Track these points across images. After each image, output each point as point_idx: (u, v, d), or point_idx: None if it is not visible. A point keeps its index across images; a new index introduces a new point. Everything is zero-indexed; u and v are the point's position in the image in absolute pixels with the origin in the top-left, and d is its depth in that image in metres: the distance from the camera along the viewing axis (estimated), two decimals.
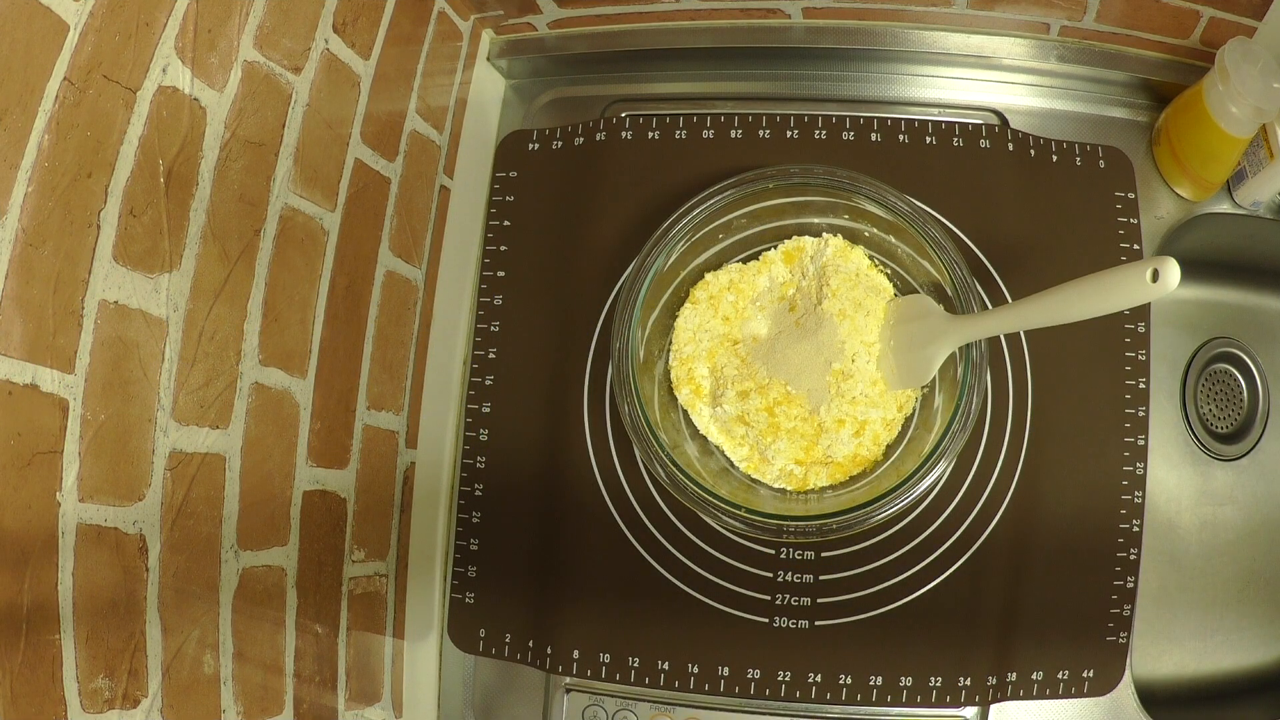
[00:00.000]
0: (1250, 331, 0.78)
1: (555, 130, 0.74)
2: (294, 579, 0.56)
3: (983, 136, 0.68)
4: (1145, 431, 0.64)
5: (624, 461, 0.67)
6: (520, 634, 0.67)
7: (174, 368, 0.46)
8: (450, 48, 0.71)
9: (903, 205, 0.60)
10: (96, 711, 0.41)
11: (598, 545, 0.67)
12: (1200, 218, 0.69)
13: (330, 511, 0.60)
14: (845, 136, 0.69)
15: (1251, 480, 0.76)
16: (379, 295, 0.65)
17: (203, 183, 0.47)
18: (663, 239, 0.61)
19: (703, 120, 0.71)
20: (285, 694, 0.56)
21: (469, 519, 0.70)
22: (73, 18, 0.38)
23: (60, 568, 0.40)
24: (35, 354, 0.38)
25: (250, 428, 0.52)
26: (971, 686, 0.62)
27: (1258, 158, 0.64)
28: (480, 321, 0.72)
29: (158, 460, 0.45)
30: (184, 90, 0.45)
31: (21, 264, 0.37)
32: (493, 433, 0.70)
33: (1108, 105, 0.71)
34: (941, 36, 0.70)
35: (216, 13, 0.46)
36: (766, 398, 0.62)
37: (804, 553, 0.65)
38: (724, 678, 0.64)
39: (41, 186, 0.38)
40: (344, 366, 0.61)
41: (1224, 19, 0.63)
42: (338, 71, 0.57)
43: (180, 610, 0.47)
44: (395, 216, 0.66)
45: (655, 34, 0.74)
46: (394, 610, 0.69)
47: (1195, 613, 0.74)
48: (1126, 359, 0.65)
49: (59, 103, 0.38)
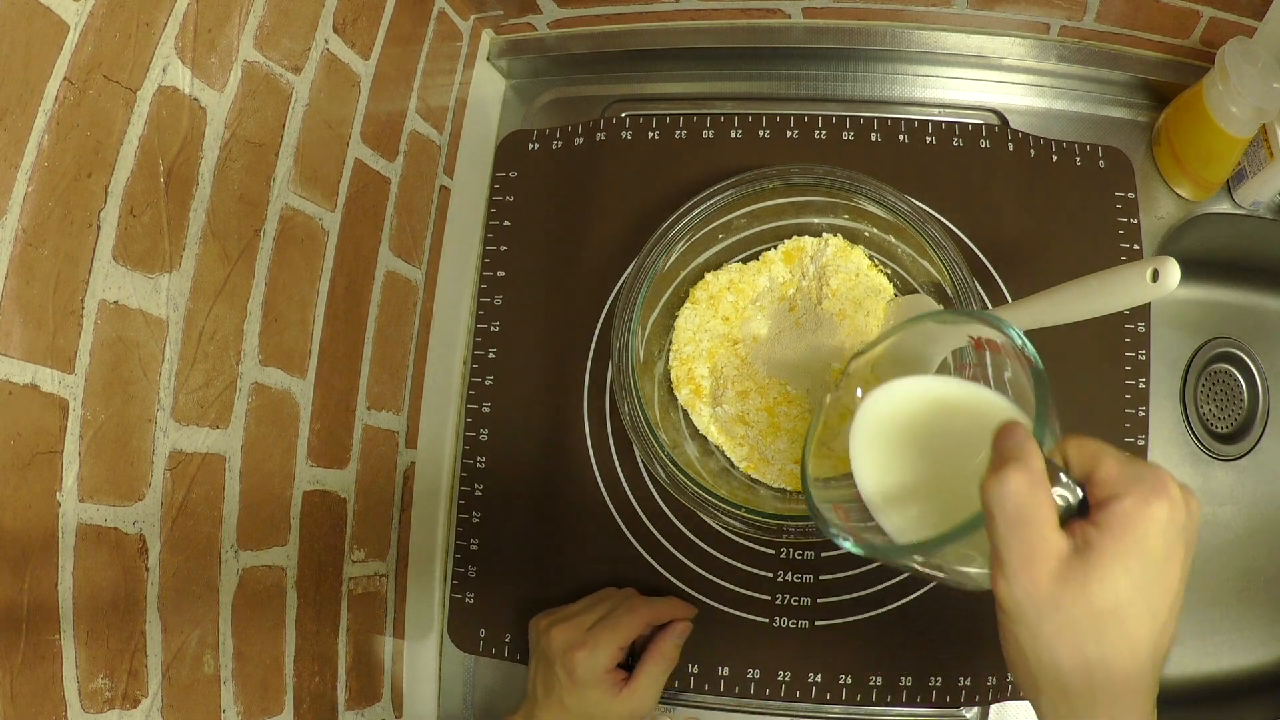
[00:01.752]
0: (1250, 331, 0.78)
1: (555, 130, 0.74)
2: (294, 579, 0.56)
3: (983, 136, 0.68)
4: (1145, 431, 0.64)
5: (624, 461, 0.67)
6: (520, 634, 0.67)
7: (174, 368, 0.46)
8: (450, 48, 0.71)
9: (903, 205, 0.60)
10: (96, 711, 0.41)
11: (598, 545, 0.67)
12: (1200, 218, 0.69)
13: (330, 511, 0.60)
14: (845, 136, 0.69)
15: (1251, 480, 0.76)
16: (379, 295, 0.64)
17: (203, 183, 0.47)
18: (663, 239, 0.61)
19: (703, 120, 0.71)
20: (285, 694, 0.56)
21: (469, 519, 0.70)
22: (73, 18, 0.38)
23: (60, 568, 0.40)
24: (35, 354, 0.38)
25: (250, 428, 0.52)
26: (971, 686, 0.62)
27: (1258, 158, 0.64)
28: (480, 321, 0.72)
29: (158, 460, 0.45)
30: (184, 90, 0.45)
31: (21, 264, 0.37)
32: (493, 433, 0.70)
33: (1108, 105, 0.71)
34: (941, 36, 0.70)
35: (216, 13, 0.46)
36: (766, 398, 0.62)
37: (804, 553, 0.65)
38: (724, 678, 0.64)
39: (41, 186, 0.38)
40: (344, 366, 0.61)
41: (1224, 19, 0.63)
42: (338, 71, 0.57)
43: (180, 610, 0.47)
44: (395, 216, 0.66)
45: (655, 34, 0.74)
46: (394, 610, 0.69)
47: (1195, 613, 0.74)
48: (1126, 359, 0.65)
49: (59, 103, 0.38)
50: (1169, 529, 0.37)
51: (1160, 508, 0.37)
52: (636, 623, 0.60)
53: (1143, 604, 0.38)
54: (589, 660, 0.57)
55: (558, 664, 0.58)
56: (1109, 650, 0.38)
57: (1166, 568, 0.38)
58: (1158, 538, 0.37)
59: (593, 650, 0.58)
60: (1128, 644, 0.38)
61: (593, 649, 0.58)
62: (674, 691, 0.65)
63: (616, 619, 0.60)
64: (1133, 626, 0.38)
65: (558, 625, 0.60)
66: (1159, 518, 0.37)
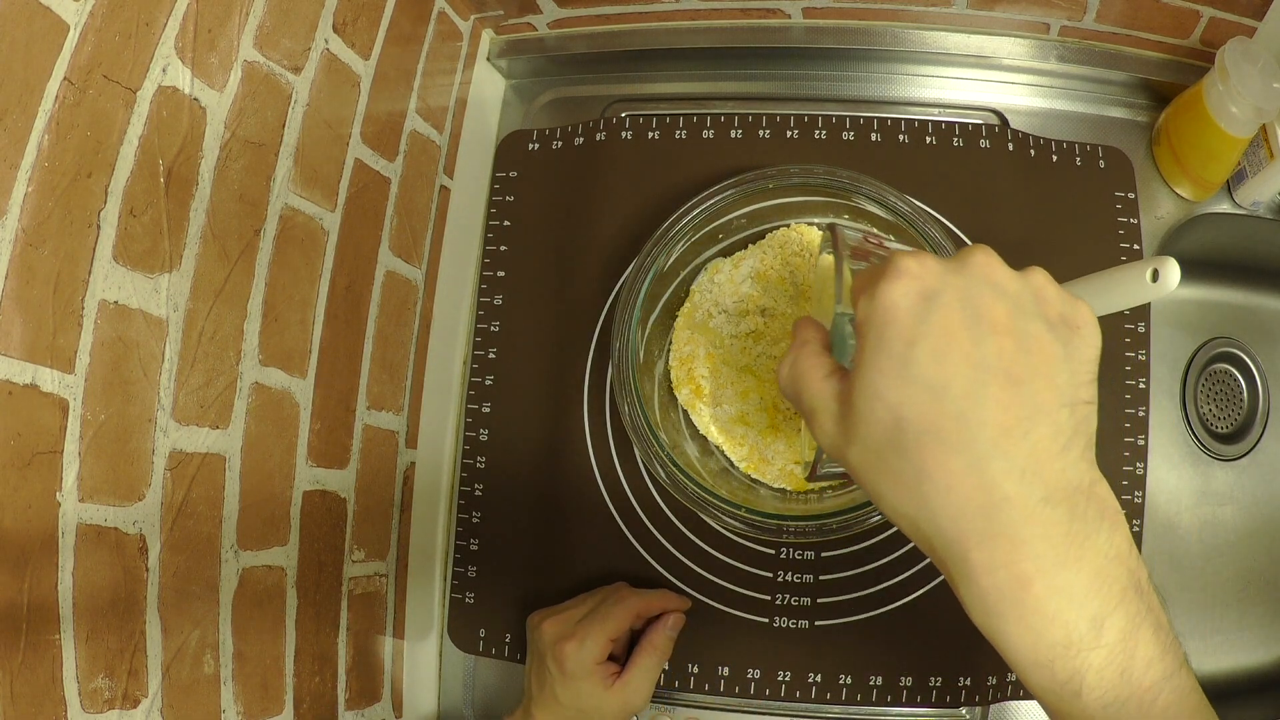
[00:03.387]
0: (1250, 331, 0.78)
1: (555, 130, 0.74)
2: (294, 579, 0.56)
3: (983, 136, 0.68)
4: (1145, 431, 0.64)
5: (624, 461, 0.67)
6: (520, 634, 0.67)
7: (174, 368, 0.46)
8: (450, 48, 0.71)
9: (903, 205, 0.60)
10: (96, 711, 0.41)
11: (598, 545, 0.67)
12: (1200, 218, 0.69)
13: (330, 511, 0.60)
14: (845, 136, 0.69)
15: (1251, 480, 0.76)
16: (379, 295, 0.64)
17: (203, 183, 0.47)
18: (663, 239, 0.61)
19: (703, 120, 0.71)
20: (285, 694, 0.56)
21: (469, 519, 0.70)
22: (73, 18, 0.38)
23: (60, 568, 0.40)
24: (35, 354, 0.38)
25: (250, 428, 0.52)
26: (971, 686, 0.62)
27: (1258, 158, 0.64)
28: (480, 321, 0.72)
29: (158, 460, 0.45)
30: (184, 90, 0.45)
31: (21, 264, 0.37)
32: (493, 433, 0.70)
33: (1108, 105, 0.71)
34: (941, 36, 0.70)
35: (216, 13, 0.46)
36: (767, 397, 0.62)
37: (804, 553, 0.65)
38: (724, 678, 0.64)
39: (41, 186, 0.38)
40: (344, 366, 0.61)
41: (1224, 19, 0.63)
42: (338, 71, 0.57)
43: (180, 610, 0.47)
44: (395, 216, 0.66)
45: (655, 34, 0.74)
46: (394, 610, 0.69)
47: (1195, 613, 0.74)
48: (1126, 359, 0.65)
49: (59, 103, 0.38)
50: (916, 304, 0.33)
51: (891, 290, 0.33)
52: (625, 614, 0.60)
53: (926, 396, 0.32)
54: (578, 652, 0.57)
55: (548, 657, 0.58)
56: (932, 464, 0.32)
57: (934, 343, 0.32)
58: (903, 320, 0.33)
59: (581, 642, 0.58)
60: (947, 448, 0.32)
61: (581, 640, 0.58)
62: (674, 691, 0.65)
63: (605, 611, 0.60)
64: (940, 425, 0.32)
65: (549, 619, 0.60)
66: (894, 301, 0.33)
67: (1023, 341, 0.33)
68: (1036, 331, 0.34)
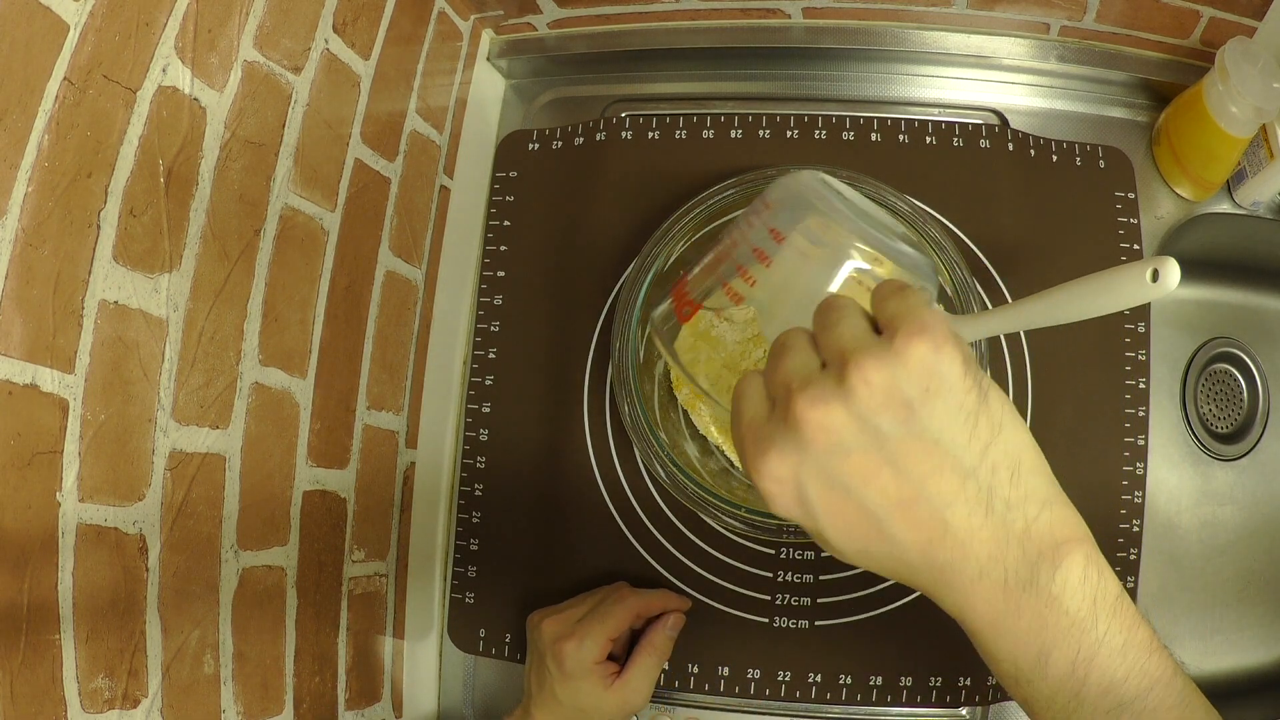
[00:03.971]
0: (1250, 331, 0.78)
1: (555, 130, 0.74)
2: (294, 579, 0.56)
3: (983, 136, 0.68)
4: (1145, 431, 0.64)
5: (624, 461, 0.67)
6: (520, 634, 0.67)
7: (174, 368, 0.46)
8: (450, 48, 0.71)
9: (903, 205, 0.60)
10: (96, 711, 0.41)
11: (598, 545, 0.67)
12: (1200, 218, 0.69)
13: (330, 511, 0.60)
14: (845, 136, 0.69)
15: (1251, 480, 0.76)
16: (379, 295, 0.64)
17: (203, 183, 0.47)
18: (663, 238, 0.61)
19: (703, 120, 0.71)
20: (285, 694, 0.56)
21: (469, 519, 0.70)
22: (73, 18, 0.38)
23: (60, 568, 0.40)
24: (35, 354, 0.38)
25: (250, 428, 0.52)
26: (971, 686, 0.62)
27: (1258, 158, 0.64)
28: (480, 321, 0.72)
29: (158, 460, 0.45)
30: (184, 90, 0.45)
31: (21, 264, 0.37)
32: (493, 433, 0.70)
33: (1108, 105, 0.71)
34: (941, 36, 0.70)
35: (216, 13, 0.46)
36: None
37: (804, 553, 0.65)
38: (724, 678, 0.64)
39: (41, 186, 0.38)
40: (344, 366, 0.61)
41: (1224, 19, 0.63)
42: (338, 71, 0.57)
43: (180, 610, 0.47)
44: (395, 216, 0.66)
45: (655, 34, 0.74)
46: (394, 610, 0.69)
47: (1195, 613, 0.74)
48: (1126, 359, 0.65)
49: (59, 103, 0.38)
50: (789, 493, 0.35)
51: (759, 479, 0.35)
52: (625, 614, 0.60)
53: (854, 549, 0.35)
54: (577, 651, 0.57)
55: (548, 656, 0.58)
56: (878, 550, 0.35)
57: (821, 522, 0.35)
58: (787, 511, 0.35)
59: (580, 641, 0.58)
60: (885, 557, 0.35)
61: (580, 640, 0.58)
62: (674, 691, 0.65)
63: (605, 610, 0.60)
64: (871, 550, 0.36)
65: (548, 619, 0.60)
66: (769, 491, 0.35)
67: (896, 463, 0.33)
68: (900, 439, 0.33)
